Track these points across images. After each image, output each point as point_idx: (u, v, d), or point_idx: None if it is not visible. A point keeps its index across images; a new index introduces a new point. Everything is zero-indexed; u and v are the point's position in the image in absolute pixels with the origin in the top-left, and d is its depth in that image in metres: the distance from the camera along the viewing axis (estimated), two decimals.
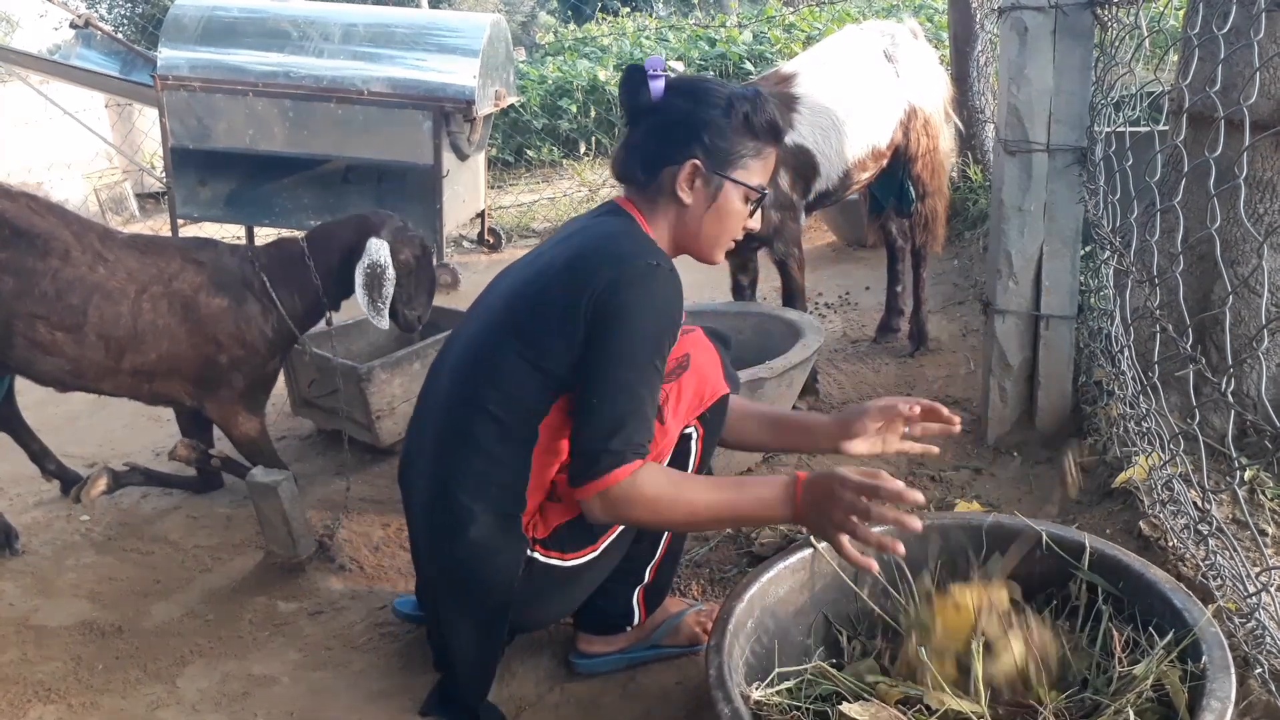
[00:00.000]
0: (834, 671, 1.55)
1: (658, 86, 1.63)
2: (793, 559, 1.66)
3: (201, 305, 2.55)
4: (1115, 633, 1.50)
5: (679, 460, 1.74)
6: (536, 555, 1.66)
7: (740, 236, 1.73)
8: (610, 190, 6.74)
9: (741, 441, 1.90)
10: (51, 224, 2.43)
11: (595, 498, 1.51)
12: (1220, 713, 1.26)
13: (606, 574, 1.77)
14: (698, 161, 1.61)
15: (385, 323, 2.61)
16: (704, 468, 1.79)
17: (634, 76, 1.64)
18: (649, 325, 1.52)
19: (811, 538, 1.68)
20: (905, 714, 1.42)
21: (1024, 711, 1.43)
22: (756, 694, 1.48)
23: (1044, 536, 1.65)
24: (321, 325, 2.81)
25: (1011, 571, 1.69)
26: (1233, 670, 1.33)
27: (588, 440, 1.51)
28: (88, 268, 2.42)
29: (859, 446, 1.75)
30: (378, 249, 2.56)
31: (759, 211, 1.72)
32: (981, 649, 1.46)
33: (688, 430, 1.73)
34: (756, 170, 1.67)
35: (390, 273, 2.57)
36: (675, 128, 1.63)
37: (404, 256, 2.65)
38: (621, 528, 1.71)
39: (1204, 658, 1.35)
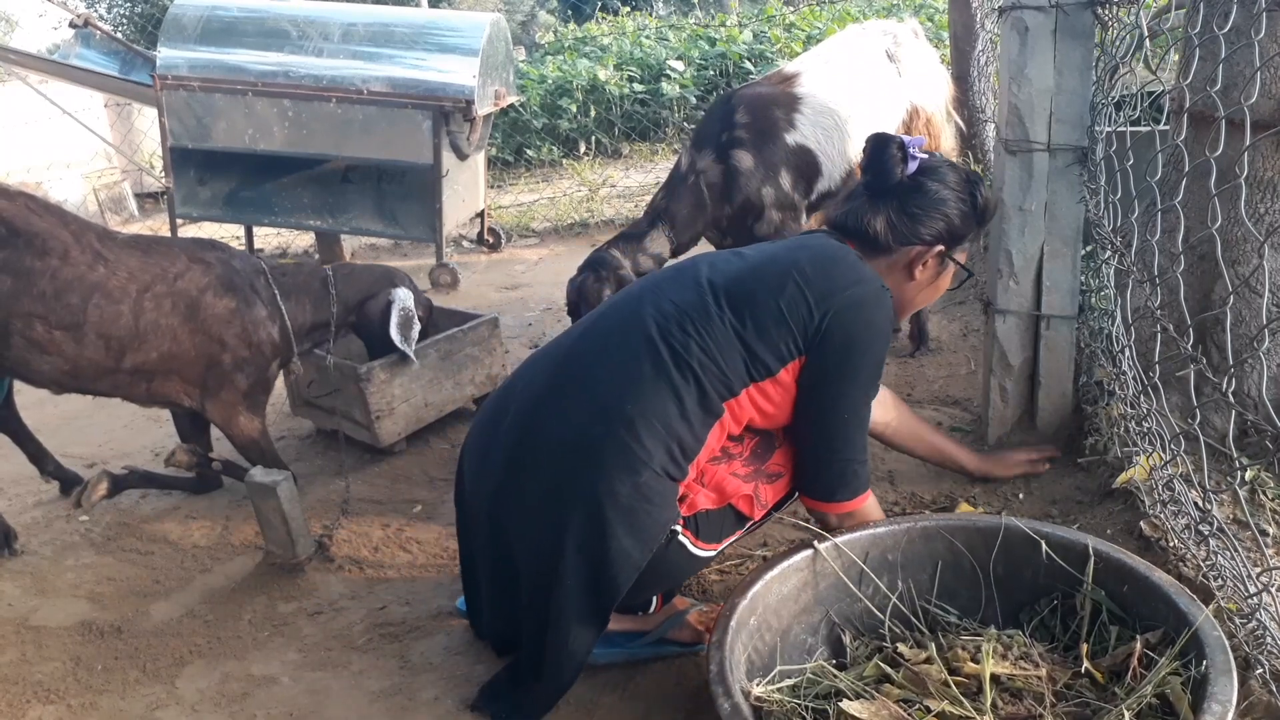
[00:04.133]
0: (835, 671, 1.55)
1: (914, 166, 1.77)
2: (796, 558, 1.66)
3: (207, 305, 2.55)
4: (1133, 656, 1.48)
5: (783, 501, 1.84)
6: (678, 529, 1.67)
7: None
8: (609, 190, 6.73)
9: (898, 442, 2.24)
10: (50, 224, 2.43)
11: (842, 515, 1.73)
12: (1221, 715, 1.26)
13: (699, 570, 1.82)
14: (943, 248, 1.78)
15: (415, 360, 2.90)
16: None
17: (891, 150, 1.76)
18: (881, 347, 1.70)
19: (814, 540, 1.68)
20: (907, 711, 1.42)
21: (1028, 717, 1.43)
22: (757, 690, 1.48)
23: (1044, 545, 1.65)
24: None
25: (1015, 577, 1.69)
26: (1234, 673, 1.33)
27: (838, 461, 1.69)
28: (87, 267, 2.42)
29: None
30: (406, 296, 2.88)
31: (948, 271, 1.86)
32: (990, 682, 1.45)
33: None
34: (969, 250, 1.84)
35: (416, 317, 2.90)
36: (929, 212, 1.76)
37: (420, 314, 2.98)
38: (734, 537, 1.78)
39: (1205, 661, 1.35)
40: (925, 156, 1.78)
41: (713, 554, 1.75)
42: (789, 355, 1.65)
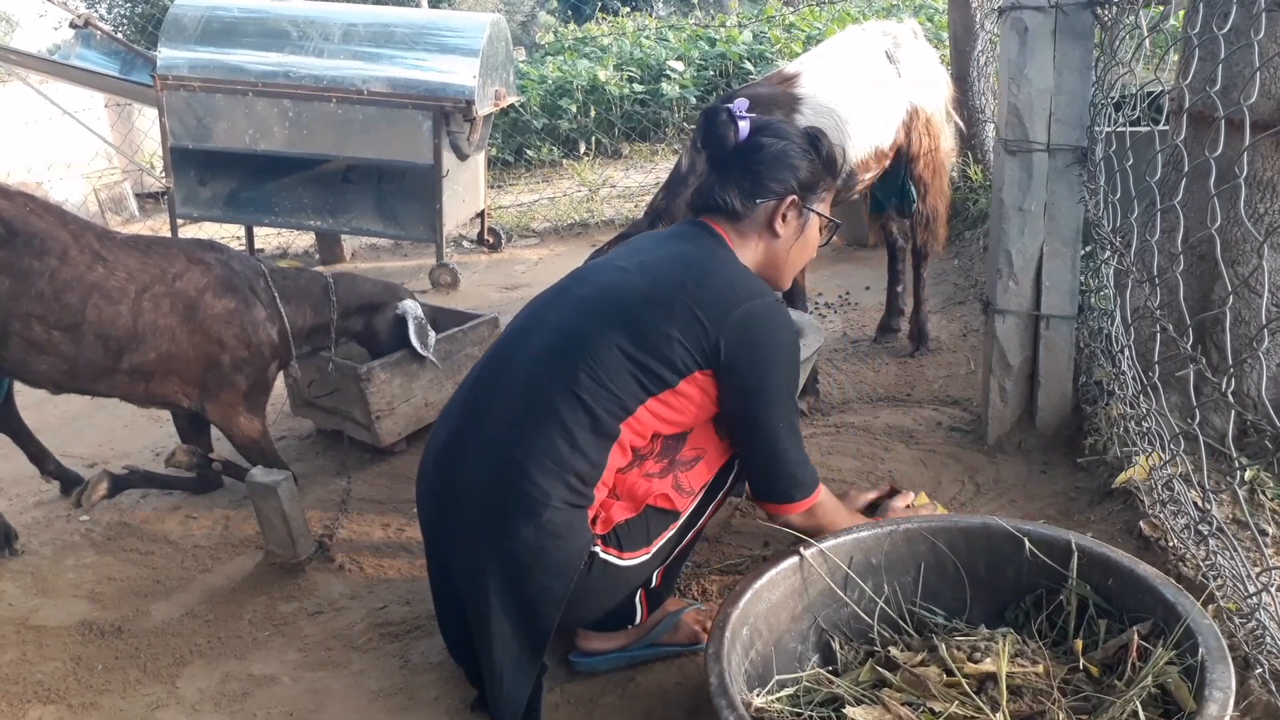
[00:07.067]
0: (832, 678, 1.55)
1: (745, 127, 1.77)
2: (783, 565, 1.66)
3: (206, 306, 2.55)
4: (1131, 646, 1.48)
5: (722, 478, 1.83)
6: (597, 550, 1.68)
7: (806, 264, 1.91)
8: (609, 190, 6.74)
9: None
10: (49, 224, 2.43)
11: (802, 514, 1.74)
12: (1223, 702, 1.26)
13: (646, 577, 1.79)
14: (796, 197, 1.77)
15: (438, 364, 3.00)
16: (731, 492, 1.87)
17: (720, 117, 1.78)
18: (792, 352, 1.71)
19: (800, 547, 1.68)
20: (912, 714, 1.42)
21: (1031, 714, 1.43)
22: (758, 701, 1.47)
23: (1027, 542, 1.65)
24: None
25: (998, 576, 1.70)
26: (1230, 658, 1.33)
27: (784, 466, 1.71)
28: (86, 267, 2.42)
29: None
30: (415, 306, 2.95)
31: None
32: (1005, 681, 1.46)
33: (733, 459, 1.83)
34: (828, 201, 1.85)
35: (428, 324, 2.98)
36: (772, 165, 1.77)
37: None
38: (669, 534, 1.75)
39: (1201, 649, 1.35)
40: (753, 117, 1.80)
41: (646, 558, 1.74)
42: (686, 369, 1.65)
